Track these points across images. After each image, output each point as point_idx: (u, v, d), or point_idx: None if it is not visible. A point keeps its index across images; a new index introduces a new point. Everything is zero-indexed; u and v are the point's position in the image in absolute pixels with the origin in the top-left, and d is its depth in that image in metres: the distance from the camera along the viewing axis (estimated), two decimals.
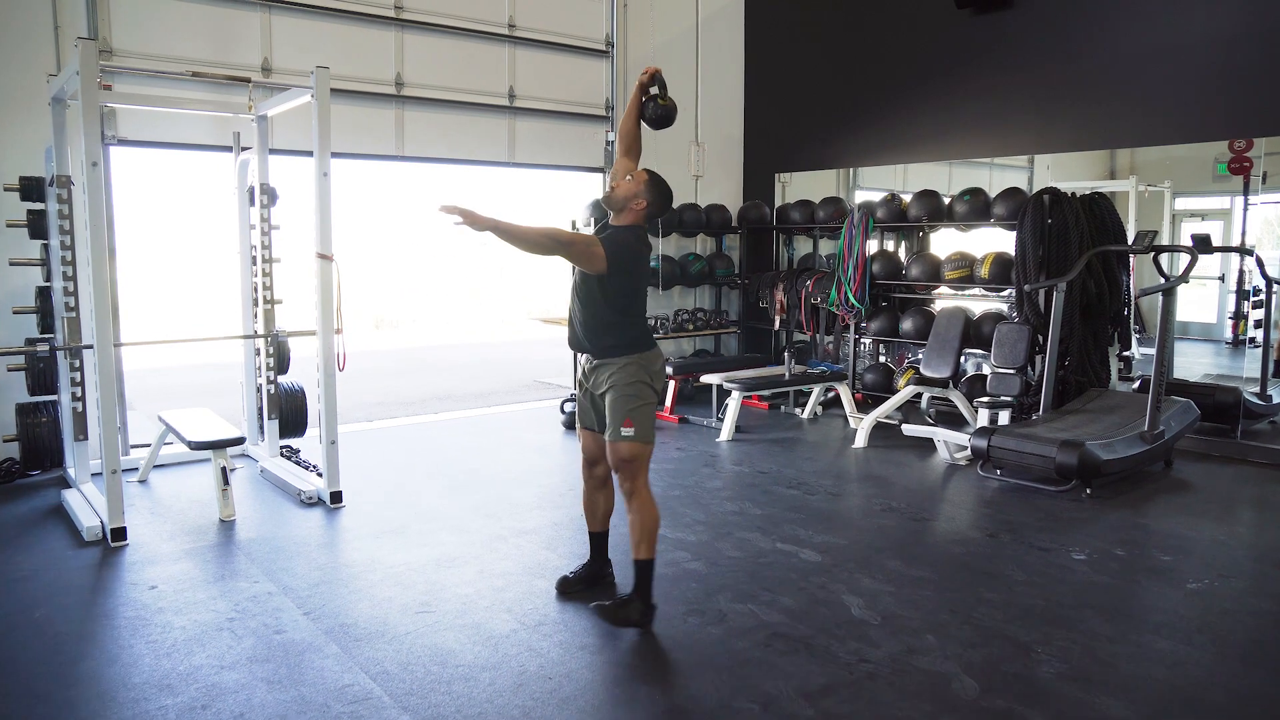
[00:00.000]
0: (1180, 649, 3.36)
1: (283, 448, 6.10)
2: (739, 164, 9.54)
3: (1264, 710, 2.99)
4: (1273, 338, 6.43)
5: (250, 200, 5.89)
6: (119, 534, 4.45)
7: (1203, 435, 6.25)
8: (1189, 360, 7.12)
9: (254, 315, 5.99)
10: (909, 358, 8.00)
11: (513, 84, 7.87)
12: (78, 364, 5.07)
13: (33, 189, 5.27)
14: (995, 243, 7.27)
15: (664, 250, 8.55)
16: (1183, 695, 3.04)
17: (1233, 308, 6.76)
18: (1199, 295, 7.04)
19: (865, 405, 7.66)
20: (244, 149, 5.97)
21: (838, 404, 7.65)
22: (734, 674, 3.16)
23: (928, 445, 6.40)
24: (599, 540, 3.93)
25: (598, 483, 3.81)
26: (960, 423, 6.89)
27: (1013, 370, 6.34)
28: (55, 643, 3.41)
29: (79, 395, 5.13)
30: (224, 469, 4.87)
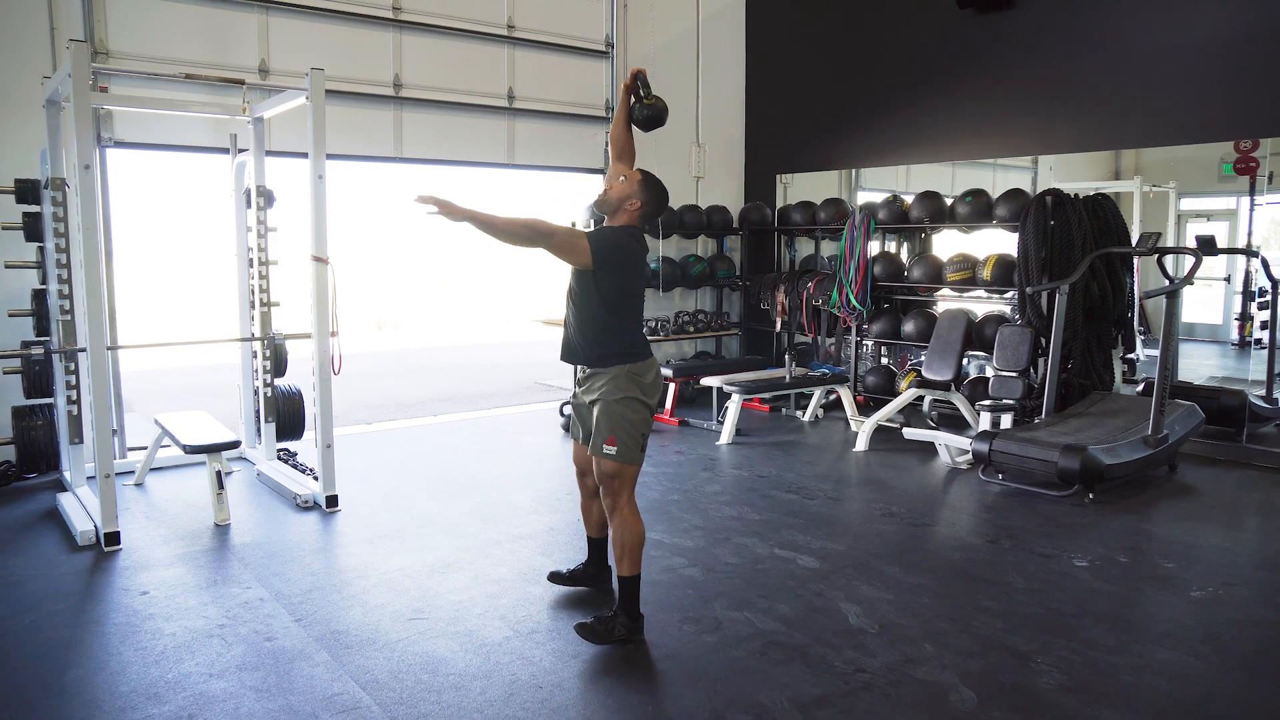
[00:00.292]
0: (1183, 659, 3.31)
1: (280, 451, 6.07)
2: (740, 165, 9.49)
3: None
4: (1279, 340, 6.36)
5: (247, 202, 5.86)
6: (112, 538, 4.43)
7: (1208, 439, 6.19)
8: (1194, 363, 7.05)
9: (251, 318, 5.97)
10: (911, 360, 7.94)
11: (512, 85, 7.84)
12: (73, 367, 5.05)
13: (28, 192, 5.25)
14: (998, 244, 7.21)
15: (665, 252, 8.50)
16: (1186, 708, 2.99)
17: (1239, 309, 6.70)
18: (1205, 297, 6.98)
19: (867, 408, 7.60)
20: (241, 151, 5.94)
21: (839, 407, 7.60)
22: (727, 683, 3.11)
23: (929, 449, 6.35)
24: (597, 546, 3.89)
25: (590, 492, 3.75)
26: (962, 426, 6.84)
27: (1015, 373, 6.28)
28: (43, 650, 3.38)
29: (74, 398, 5.10)
30: (219, 473, 4.84)
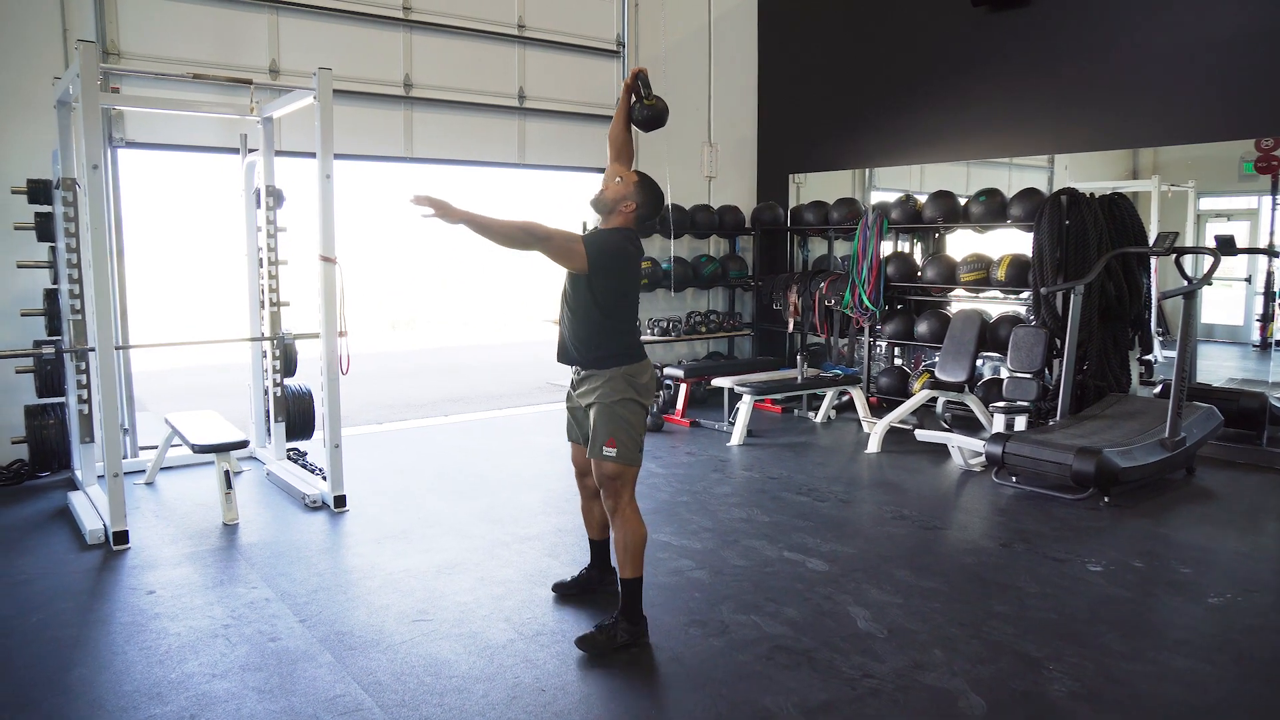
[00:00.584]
0: (1200, 667, 3.24)
1: (290, 450, 6.07)
2: (752, 165, 9.45)
3: None
4: None
5: (256, 202, 5.87)
6: (121, 537, 4.43)
7: (1227, 442, 6.09)
8: (1213, 364, 6.95)
9: (261, 318, 5.98)
10: (925, 361, 7.87)
11: (522, 85, 7.82)
12: (84, 366, 5.07)
13: (40, 192, 5.28)
14: (1012, 244, 7.13)
15: (677, 252, 8.47)
16: (1201, 717, 2.93)
17: (1259, 310, 6.59)
18: (1224, 297, 6.88)
19: (880, 409, 7.53)
20: (250, 151, 5.94)
21: (851, 408, 7.54)
22: (733, 688, 3.07)
23: (942, 451, 6.28)
24: (599, 548, 3.86)
25: (590, 494, 3.71)
26: (976, 427, 6.77)
27: (1030, 374, 6.21)
28: (49, 648, 3.38)
29: (85, 397, 5.12)
30: (227, 472, 4.84)
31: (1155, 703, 3.00)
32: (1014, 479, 5.50)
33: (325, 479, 5.21)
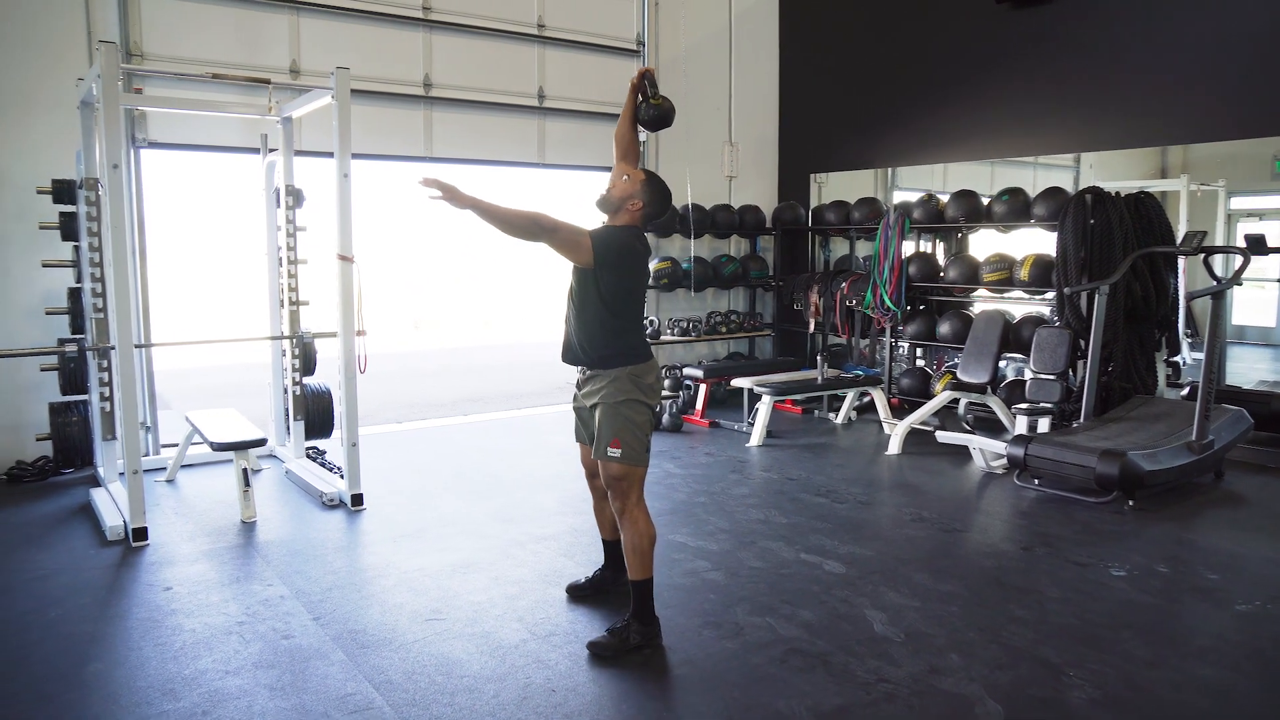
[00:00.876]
0: (1226, 676, 3.16)
1: (309, 449, 6.10)
2: (774, 164, 9.39)
3: None
4: None
5: (276, 202, 5.90)
6: (140, 534, 4.47)
7: (1257, 445, 5.96)
8: (1244, 366, 6.83)
9: (280, 317, 6.01)
10: (947, 362, 7.79)
11: (542, 84, 7.82)
12: (106, 364, 5.11)
13: (64, 192, 5.34)
14: (1036, 244, 7.04)
15: (697, 251, 8.43)
16: None
17: None
18: (1256, 298, 6.75)
19: (901, 410, 7.46)
20: (271, 151, 5.98)
21: (872, 409, 7.47)
22: (746, 691, 3.04)
23: (963, 453, 6.21)
24: (612, 548, 3.84)
25: (601, 494, 3.69)
26: (998, 429, 6.68)
27: (1053, 376, 6.12)
28: (66, 643, 3.41)
29: (107, 395, 5.17)
30: (245, 470, 4.86)
31: (1179, 712, 2.93)
32: (1036, 481, 5.41)
33: (343, 477, 5.22)
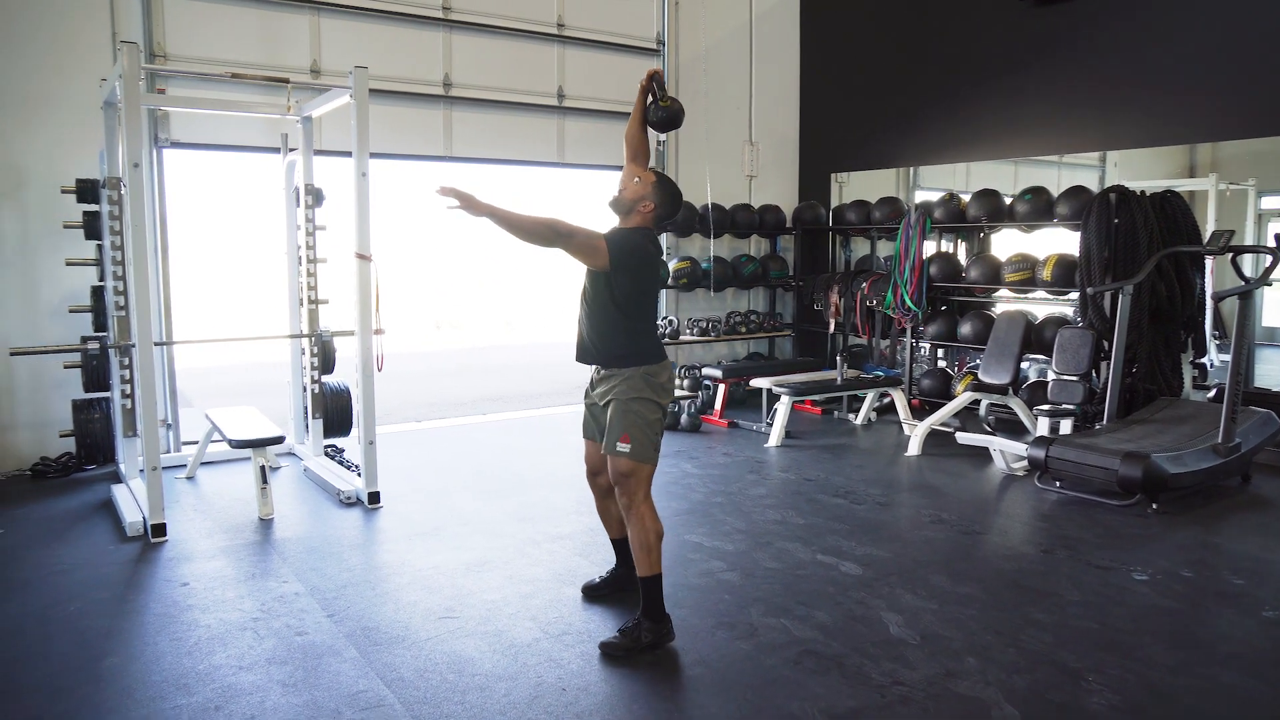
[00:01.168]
0: (1251, 684, 3.10)
1: (328, 447, 6.13)
2: (794, 164, 9.34)
3: None
4: None
5: (296, 201, 5.94)
6: (159, 530, 4.50)
7: None
8: (1274, 368, 6.71)
9: (300, 315, 6.04)
10: (968, 363, 7.71)
11: (562, 84, 7.82)
12: (127, 362, 5.16)
13: (88, 191, 5.39)
14: (1059, 244, 6.95)
15: (716, 251, 8.41)
16: None
17: None
18: None
19: (922, 411, 7.39)
20: (291, 150, 6.02)
21: (893, 410, 7.41)
22: (758, 692, 3.01)
23: (984, 454, 6.13)
24: (621, 546, 3.82)
25: (603, 492, 3.69)
26: (1020, 431, 6.60)
27: (1076, 377, 6.04)
28: (84, 637, 3.44)
29: (128, 392, 5.21)
30: (263, 467, 4.89)
31: (1202, 719, 2.87)
32: (1057, 484, 5.34)
33: (360, 476, 5.24)
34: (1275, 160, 6.47)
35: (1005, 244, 7.58)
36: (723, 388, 7.72)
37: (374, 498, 5.12)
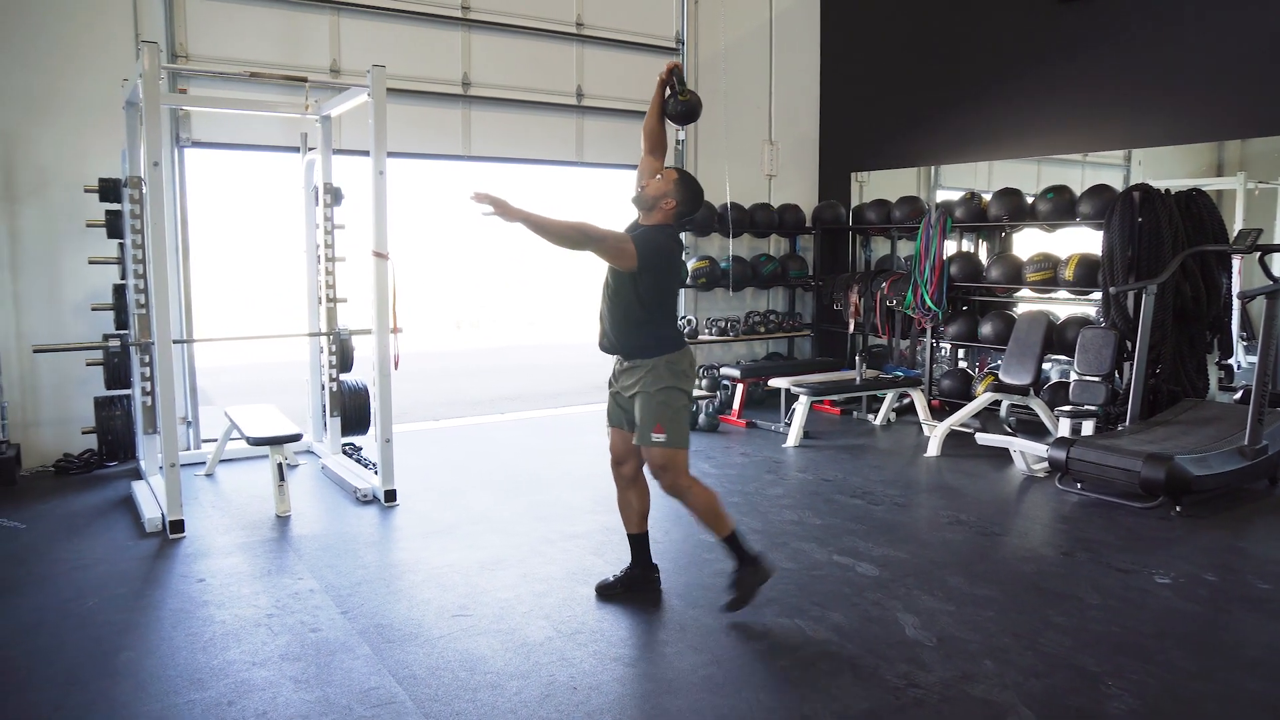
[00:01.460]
0: (1276, 691, 3.03)
1: (345, 445, 6.15)
2: (814, 163, 9.28)
3: None
4: None
5: (315, 200, 5.97)
6: (177, 526, 4.54)
7: None
8: None
9: (318, 314, 6.07)
10: (989, 363, 7.63)
11: (580, 83, 7.82)
12: (147, 359, 5.20)
13: (110, 190, 5.45)
14: (1081, 243, 6.85)
15: (735, 251, 8.37)
16: None
17: None
18: None
19: (942, 412, 7.31)
20: (310, 150, 6.05)
21: (912, 411, 7.35)
22: (771, 694, 2.99)
23: (1004, 456, 6.07)
24: (638, 542, 3.83)
25: (626, 481, 3.77)
26: (1041, 432, 6.52)
27: (1098, 378, 5.95)
28: (101, 631, 3.46)
29: (149, 390, 5.26)
30: (280, 465, 4.91)
31: None
32: (1079, 485, 5.27)
33: (377, 474, 5.26)
34: None
35: (1027, 243, 7.49)
36: (741, 387, 7.69)
37: (390, 496, 5.14)
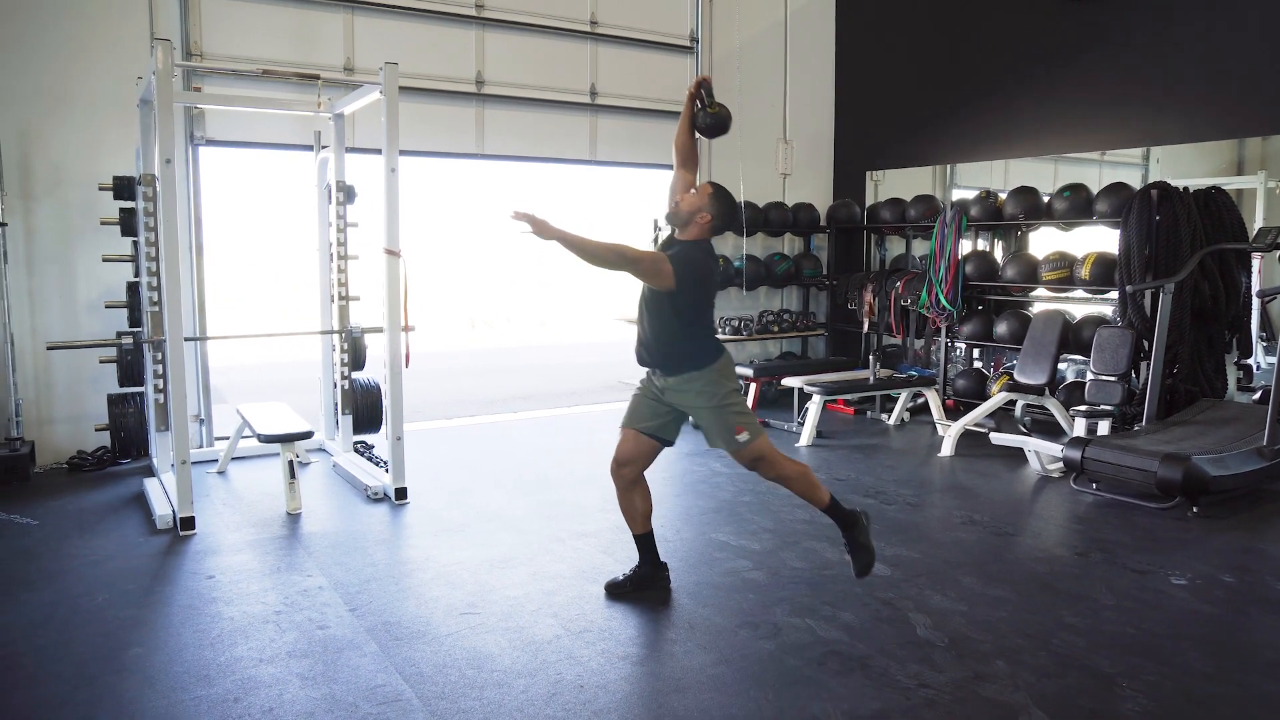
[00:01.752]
0: None
1: (357, 443, 6.16)
2: (828, 161, 9.24)
3: None
4: None
5: (328, 198, 5.98)
6: (187, 523, 4.55)
7: None
8: None
9: (331, 312, 6.08)
10: (1005, 363, 7.56)
11: (594, 81, 7.81)
12: (160, 357, 5.22)
13: (124, 188, 5.47)
14: (1098, 242, 6.78)
15: (749, 250, 8.34)
16: None
17: None
18: None
19: (956, 412, 7.25)
20: (323, 148, 6.06)
21: (926, 410, 7.30)
22: (780, 693, 2.96)
23: (1019, 455, 6.01)
24: (644, 542, 3.81)
25: (627, 483, 3.73)
26: (1057, 432, 6.46)
27: (1114, 377, 5.89)
28: (111, 627, 3.47)
29: (161, 387, 5.28)
30: (291, 462, 4.92)
31: None
32: (1094, 486, 5.21)
33: (388, 471, 5.26)
34: None
35: (1043, 242, 7.42)
36: (754, 386, 7.65)
37: (401, 494, 5.14)
